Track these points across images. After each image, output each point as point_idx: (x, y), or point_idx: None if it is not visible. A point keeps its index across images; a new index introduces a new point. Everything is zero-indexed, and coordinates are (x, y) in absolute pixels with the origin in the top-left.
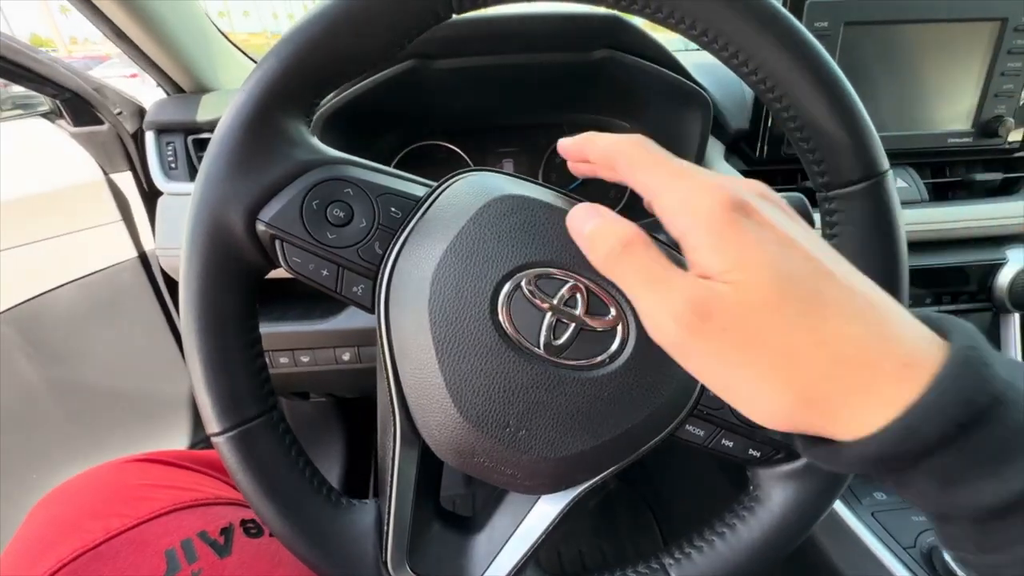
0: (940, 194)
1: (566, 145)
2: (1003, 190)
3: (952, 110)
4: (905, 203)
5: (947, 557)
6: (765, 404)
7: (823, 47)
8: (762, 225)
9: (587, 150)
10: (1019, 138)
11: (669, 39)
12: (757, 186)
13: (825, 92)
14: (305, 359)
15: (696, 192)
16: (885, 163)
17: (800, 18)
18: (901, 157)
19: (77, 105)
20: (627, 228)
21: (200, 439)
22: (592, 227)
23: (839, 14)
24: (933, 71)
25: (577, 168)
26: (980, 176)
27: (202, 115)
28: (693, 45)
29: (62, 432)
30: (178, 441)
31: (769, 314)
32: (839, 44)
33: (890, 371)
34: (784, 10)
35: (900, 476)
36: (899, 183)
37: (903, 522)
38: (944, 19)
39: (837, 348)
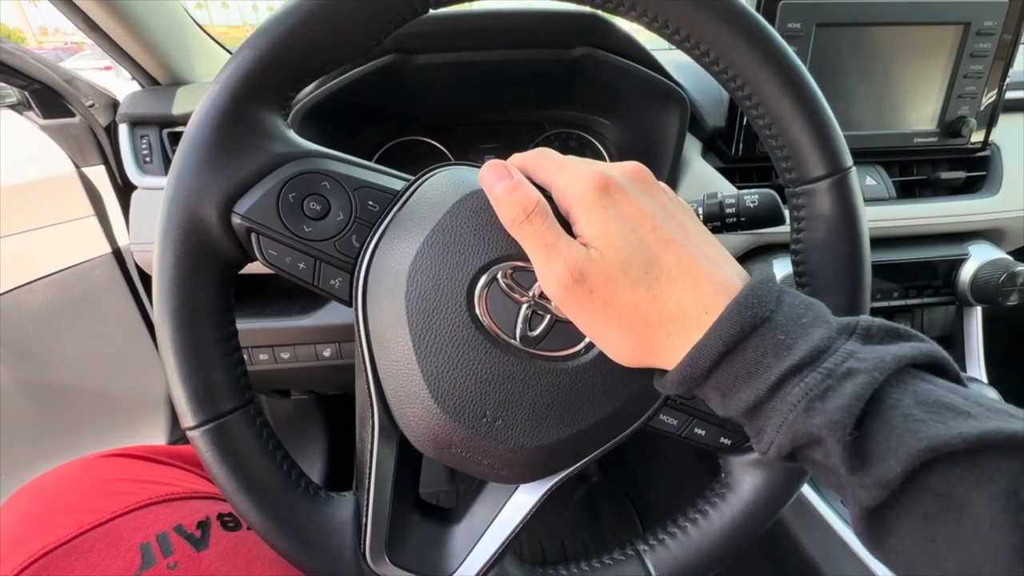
0: (907, 192)
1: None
2: (966, 188)
3: (919, 111)
4: (874, 200)
5: None
6: (617, 348)
7: (795, 48)
8: (621, 203)
9: (512, 167)
10: (981, 138)
11: (648, 38)
12: (631, 169)
13: (792, 92)
14: (285, 356)
15: (575, 179)
16: (848, 160)
17: (773, 19)
18: (870, 156)
19: (47, 97)
20: (529, 197)
21: (177, 437)
22: (500, 189)
23: (811, 16)
24: (901, 73)
25: None
26: (945, 174)
27: (177, 108)
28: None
29: (34, 431)
30: (154, 439)
31: (620, 276)
32: (811, 45)
33: (695, 318)
34: (754, 12)
35: (699, 392)
36: (868, 181)
37: None
38: (911, 22)
39: (663, 304)
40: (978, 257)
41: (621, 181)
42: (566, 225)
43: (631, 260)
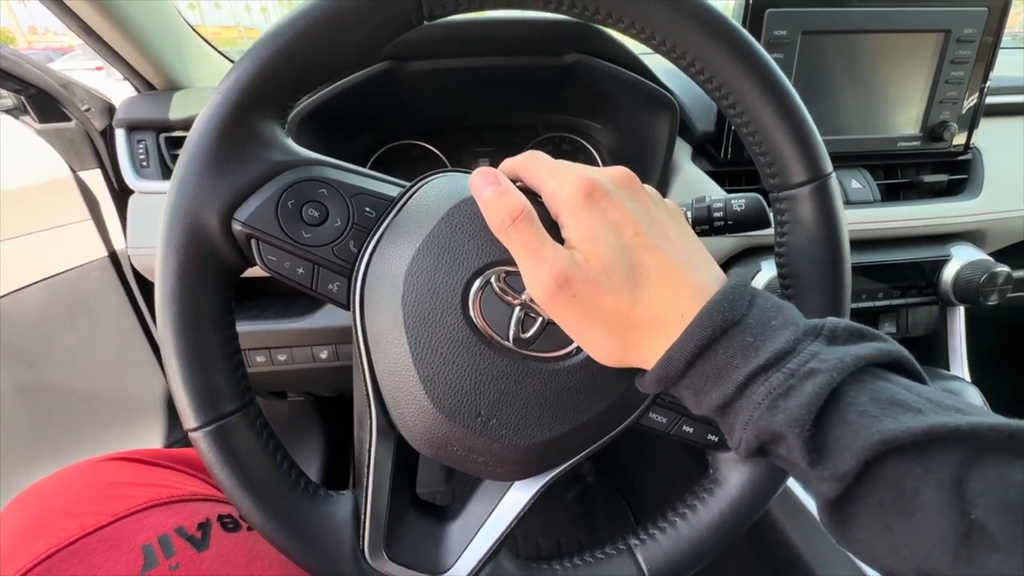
0: (892, 194)
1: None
2: (949, 191)
3: (902, 116)
4: (859, 203)
5: None
6: (600, 349)
7: (781, 55)
8: (606, 208)
9: (501, 175)
10: (963, 142)
11: (639, 45)
12: (618, 175)
13: (774, 101)
14: (282, 358)
15: (563, 183)
16: (828, 166)
17: (760, 27)
18: (856, 160)
19: (43, 101)
20: (515, 204)
21: (174, 440)
22: (487, 196)
23: (797, 23)
24: (885, 79)
25: None
26: (928, 178)
27: (174, 113)
28: None
29: (31, 435)
30: (151, 443)
31: (603, 280)
32: (797, 52)
33: (672, 321)
34: (737, 24)
35: (675, 391)
36: (854, 184)
37: None
38: (894, 30)
39: (643, 308)
40: (960, 258)
41: (607, 186)
42: (556, 228)
43: (614, 265)
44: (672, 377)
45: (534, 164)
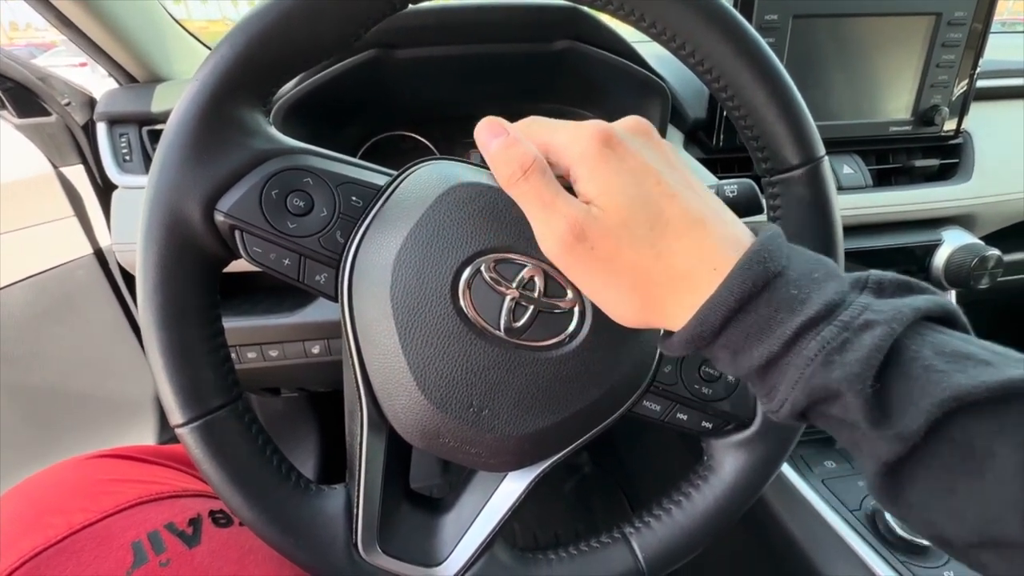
0: (883, 179)
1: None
2: (940, 175)
3: (894, 100)
4: (851, 188)
5: (888, 518)
6: (620, 308)
7: (772, 39)
8: (624, 157)
9: (508, 124)
10: (954, 126)
11: (629, 31)
12: (632, 123)
13: (766, 84)
14: (274, 353)
15: (574, 136)
16: (821, 150)
17: (751, 11)
18: (847, 145)
19: (21, 95)
20: (525, 154)
21: (167, 438)
22: (495, 147)
23: (788, 8)
24: (876, 63)
25: None
26: (919, 162)
27: (157, 106)
28: None
29: (20, 435)
30: (143, 441)
31: (623, 233)
32: (788, 36)
33: (703, 276)
34: (729, 6)
35: (708, 352)
36: (845, 169)
37: (850, 487)
38: (884, 13)
39: (669, 261)
40: (951, 242)
41: (622, 134)
42: (566, 187)
43: (635, 215)
44: (707, 336)
45: (536, 123)
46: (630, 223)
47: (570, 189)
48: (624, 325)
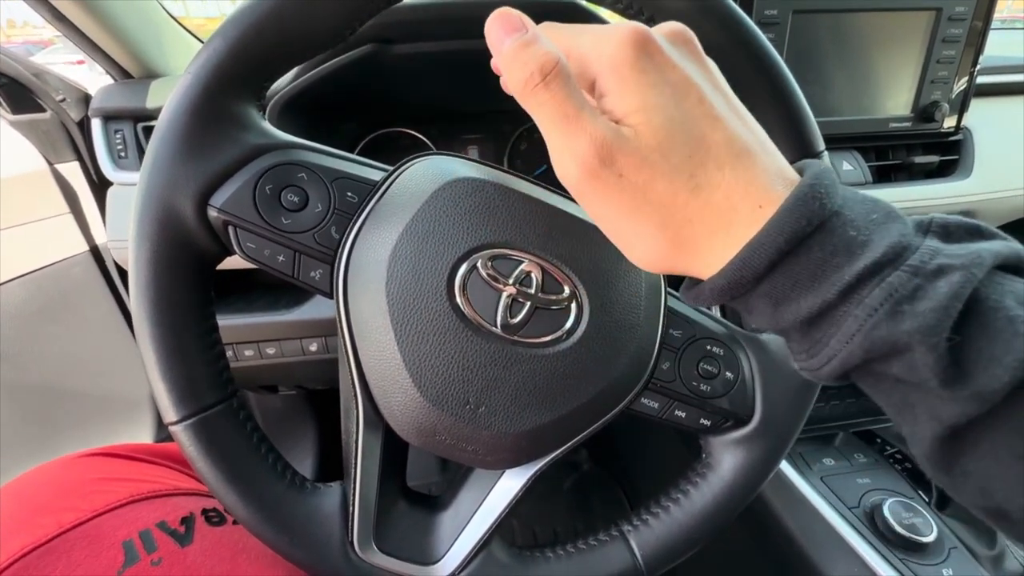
0: (883, 176)
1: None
2: (940, 172)
3: (894, 97)
4: (851, 185)
5: (887, 515)
6: (644, 248)
7: (772, 34)
8: (663, 67)
9: (527, 18)
10: (954, 123)
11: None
12: (675, 29)
13: (766, 79)
14: (271, 351)
15: (604, 37)
16: (820, 144)
17: (751, 5)
18: (847, 141)
19: (15, 91)
20: (549, 55)
21: (163, 436)
22: (510, 46)
23: (788, 2)
24: (876, 59)
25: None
26: (919, 159)
27: (152, 102)
28: None
29: (15, 434)
30: (139, 439)
31: (659, 159)
32: (788, 31)
33: (746, 213)
34: (729, 0)
35: (745, 302)
36: (845, 166)
37: (848, 485)
38: (885, 8)
39: (708, 195)
40: None
41: (662, 41)
42: None
43: (673, 140)
44: (747, 282)
45: (555, 28)
46: (667, 148)
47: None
48: (646, 269)
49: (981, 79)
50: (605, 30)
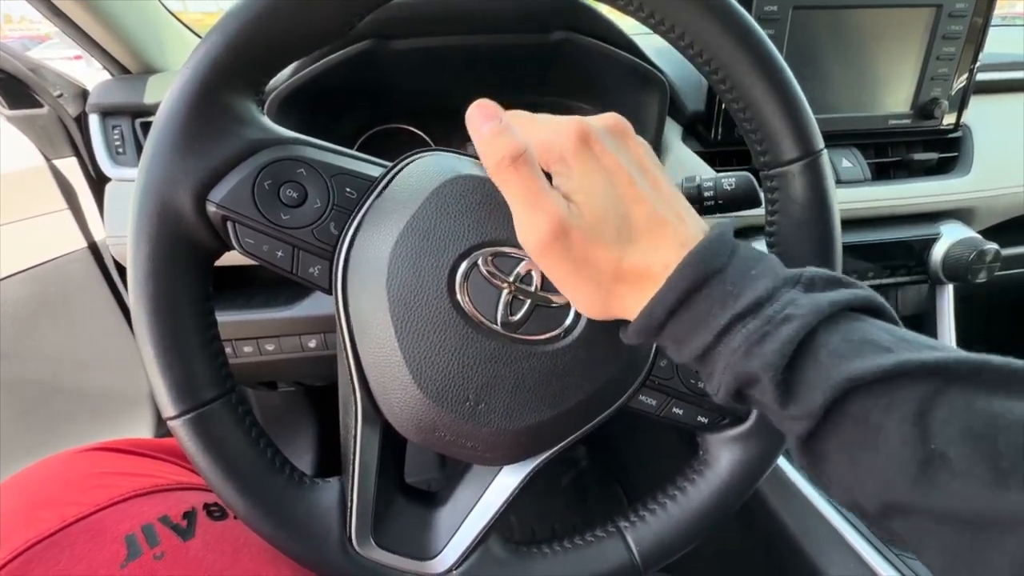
0: (882, 173)
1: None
2: (939, 169)
3: (893, 93)
4: (850, 182)
5: None
6: (586, 302)
7: (772, 31)
8: (600, 155)
9: (501, 110)
10: (953, 120)
11: (628, 22)
12: (611, 122)
13: (765, 76)
14: (270, 347)
15: (555, 133)
16: (820, 143)
17: (751, 2)
18: (846, 138)
19: (12, 87)
20: (517, 143)
21: (163, 432)
22: (486, 132)
23: None
24: (876, 56)
25: None
26: (918, 156)
27: (149, 97)
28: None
29: (14, 430)
30: (139, 434)
31: (596, 234)
32: (788, 28)
33: (657, 274)
34: None
35: (657, 341)
36: (844, 163)
37: None
38: (885, 5)
39: (632, 262)
40: (949, 236)
41: (600, 133)
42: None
43: (607, 218)
44: (653, 328)
45: (518, 117)
46: (603, 225)
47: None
48: (588, 315)
49: (981, 76)
50: (559, 123)
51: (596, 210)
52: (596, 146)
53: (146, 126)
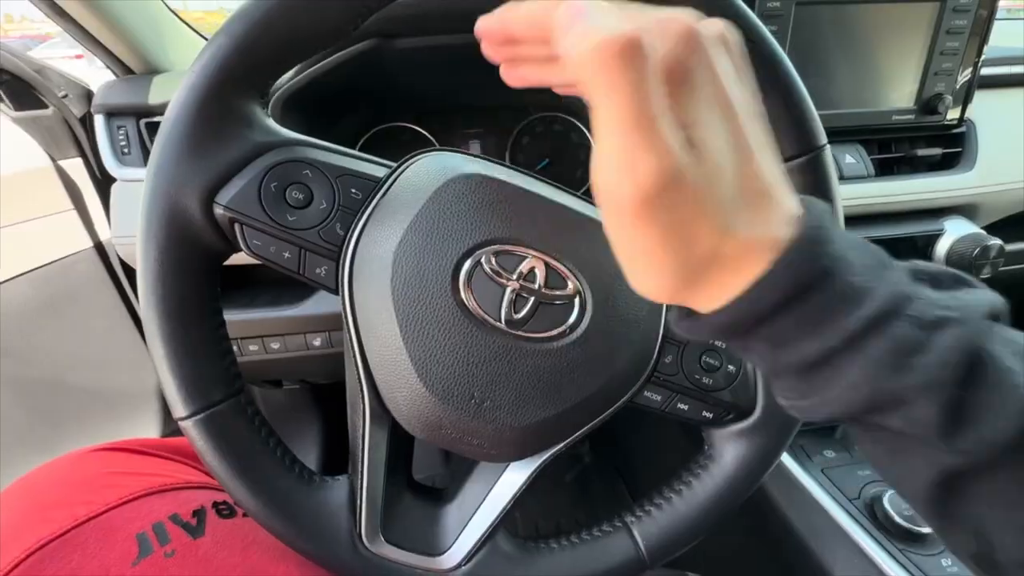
0: (886, 169)
1: (484, 24)
2: (943, 164)
3: (897, 89)
4: (853, 178)
5: (887, 507)
6: (658, 284)
7: (775, 26)
8: (715, 81)
9: (511, 24)
10: (957, 115)
11: None
12: (724, 32)
13: (768, 72)
14: (275, 346)
15: (662, 33)
16: (823, 139)
17: None
18: (850, 134)
19: (17, 88)
20: (630, 28)
21: (170, 431)
22: (581, 5)
23: None
24: (880, 51)
25: (507, 74)
26: (922, 151)
27: (154, 97)
28: None
29: (22, 431)
30: (146, 434)
31: (706, 195)
32: (791, 23)
33: (756, 255)
34: None
35: (743, 341)
36: (848, 159)
37: (849, 477)
38: (888, 0)
39: (732, 236)
40: (953, 232)
41: (715, 47)
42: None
43: (725, 172)
44: (749, 323)
45: (601, 7)
46: (719, 181)
47: None
48: (649, 299)
49: (985, 70)
50: (659, 21)
51: (713, 157)
52: (713, 68)
53: (151, 126)
